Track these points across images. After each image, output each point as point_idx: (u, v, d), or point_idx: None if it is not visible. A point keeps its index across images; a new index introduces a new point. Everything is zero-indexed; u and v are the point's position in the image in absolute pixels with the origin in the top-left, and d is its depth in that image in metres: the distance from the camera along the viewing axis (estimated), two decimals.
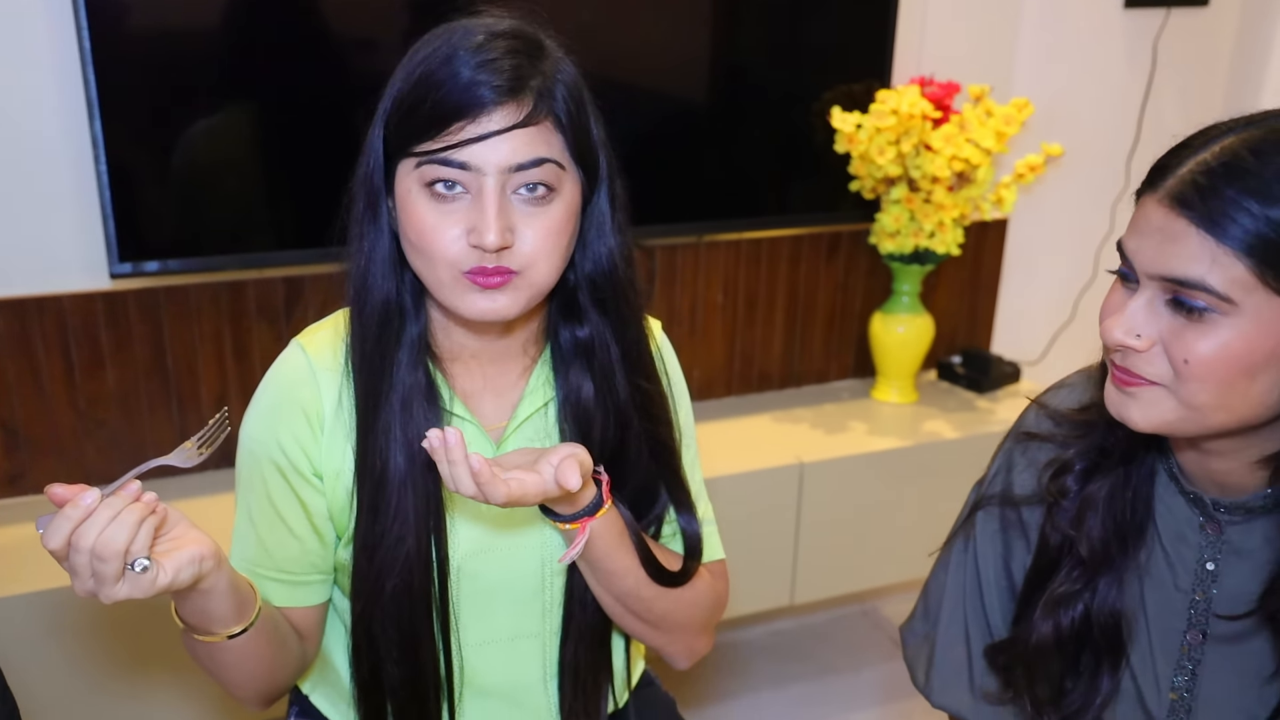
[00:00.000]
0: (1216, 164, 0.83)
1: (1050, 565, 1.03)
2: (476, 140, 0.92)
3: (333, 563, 1.09)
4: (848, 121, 1.97)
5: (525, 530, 1.08)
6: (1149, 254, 0.86)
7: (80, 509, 0.83)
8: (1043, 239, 2.44)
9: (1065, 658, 1.03)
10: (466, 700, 1.12)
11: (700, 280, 2.13)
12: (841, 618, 2.51)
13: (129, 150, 1.62)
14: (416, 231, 0.95)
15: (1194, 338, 0.84)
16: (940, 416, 2.16)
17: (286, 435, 1.03)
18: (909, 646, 1.20)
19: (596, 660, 1.14)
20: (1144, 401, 0.88)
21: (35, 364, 1.70)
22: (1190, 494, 0.97)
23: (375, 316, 1.00)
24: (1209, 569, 0.97)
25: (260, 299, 1.81)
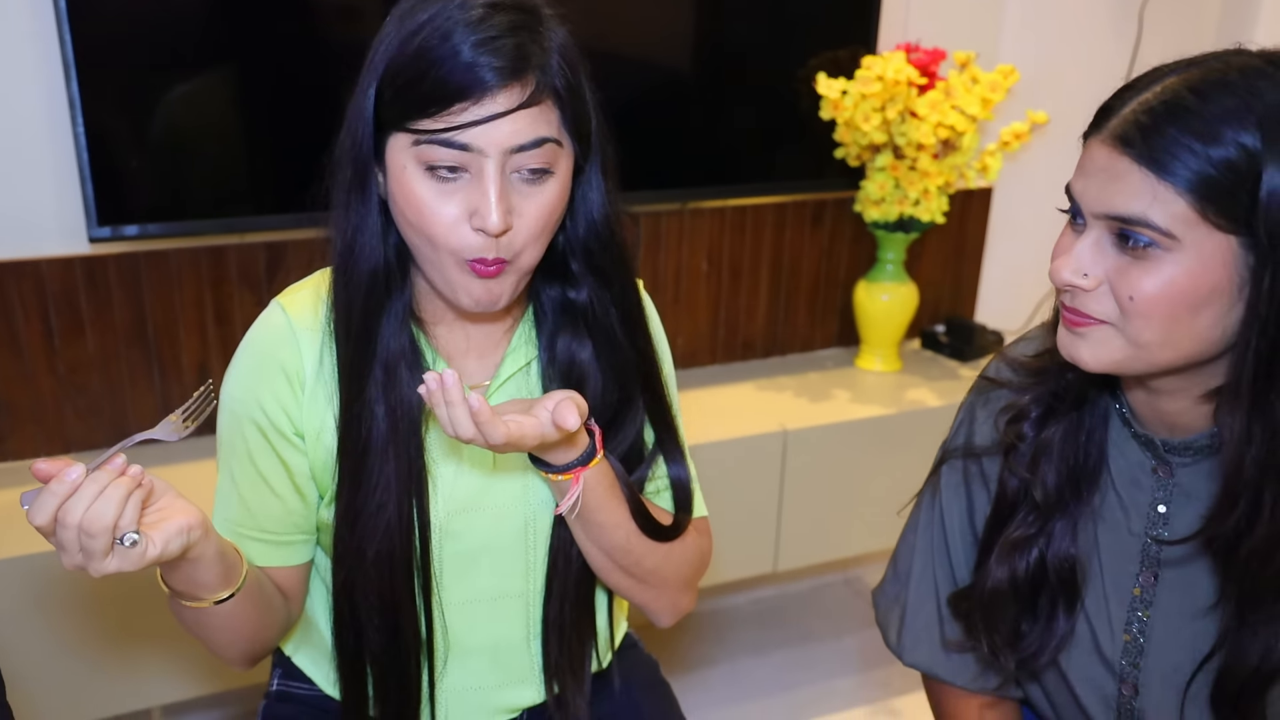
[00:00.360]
0: (1157, 103, 0.84)
1: (1008, 511, 1.05)
2: (479, 123, 0.90)
3: (315, 522, 1.09)
4: (833, 88, 1.96)
5: (508, 490, 1.08)
6: (1094, 193, 0.88)
7: (65, 484, 0.82)
8: (1027, 207, 2.44)
9: (1021, 602, 1.05)
10: (450, 660, 1.12)
11: (684, 248, 2.12)
12: (824, 586, 2.53)
13: (107, 111, 1.60)
14: (414, 210, 0.94)
15: (1138, 275, 0.86)
16: (924, 385, 2.17)
17: (267, 395, 1.03)
18: (880, 609, 1.21)
19: (580, 620, 1.14)
20: (1093, 341, 0.90)
21: (14, 329, 1.69)
22: (1142, 437, 0.99)
23: (363, 286, 0.99)
24: (1160, 512, 0.99)
25: (241, 264, 1.79)
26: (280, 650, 1.21)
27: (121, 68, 1.60)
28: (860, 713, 2.11)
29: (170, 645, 1.64)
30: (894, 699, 2.15)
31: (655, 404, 1.11)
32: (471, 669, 1.13)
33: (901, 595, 1.17)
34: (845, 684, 2.19)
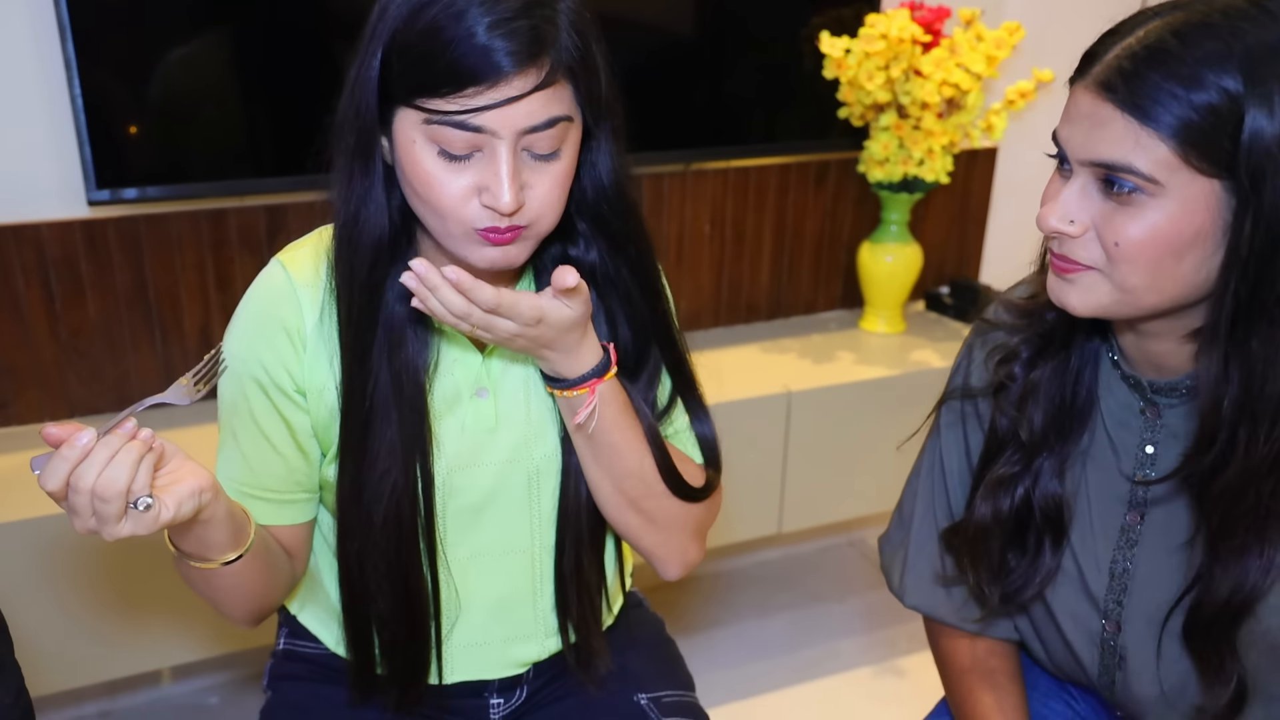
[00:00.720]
0: (1140, 48, 0.84)
1: (997, 450, 1.07)
2: (493, 106, 0.88)
3: (318, 480, 1.09)
4: (836, 46, 1.94)
5: (510, 444, 1.08)
6: (1079, 140, 0.87)
7: (77, 449, 0.82)
8: (1033, 167, 2.42)
9: (1007, 537, 1.07)
10: (455, 617, 1.13)
11: (687, 210, 2.11)
12: (828, 548, 2.54)
13: (104, 73, 1.59)
14: (423, 184, 0.93)
15: (1123, 221, 0.86)
16: (928, 346, 2.16)
17: (268, 353, 1.02)
18: (885, 554, 1.23)
19: (594, 570, 1.15)
20: (1081, 287, 0.91)
21: (15, 294, 1.68)
22: (1130, 378, 1.00)
23: (368, 258, 0.98)
24: (1148, 453, 1.00)
25: (242, 228, 1.78)
26: (286, 609, 1.22)
27: (118, 28, 1.59)
28: (865, 672, 2.12)
29: (179, 607, 1.64)
30: (899, 659, 2.16)
31: (675, 365, 1.11)
32: (477, 624, 1.14)
33: (905, 540, 1.19)
34: (850, 645, 2.20)
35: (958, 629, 1.16)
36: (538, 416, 1.09)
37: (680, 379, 1.13)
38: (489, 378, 1.07)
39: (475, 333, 0.95)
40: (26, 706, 0.93)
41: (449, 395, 1.06)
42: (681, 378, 1.13)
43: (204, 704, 2.00)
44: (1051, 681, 1.21)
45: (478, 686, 1.17)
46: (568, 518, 1.11)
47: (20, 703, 0.91)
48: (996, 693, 1.13)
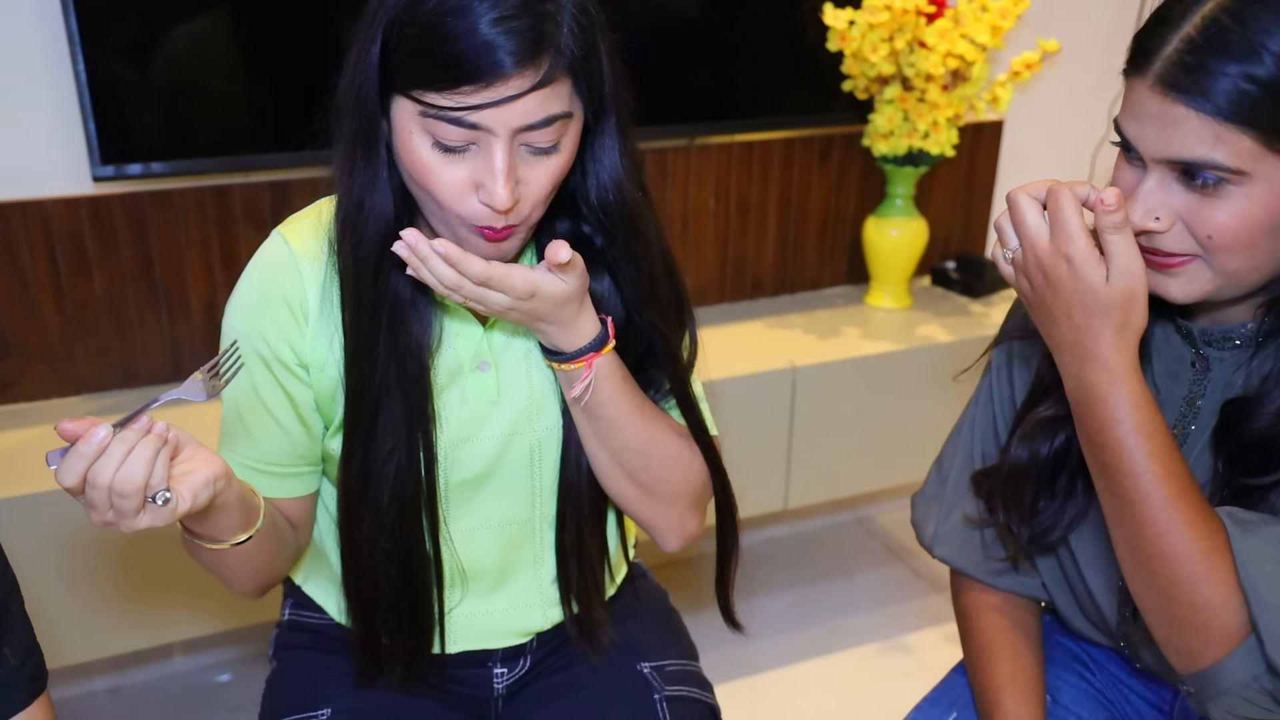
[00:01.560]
0: (1200, 38, 0.82)
1: (1042, 394, 1.06)
2: (491, 105, 0.87)
3: (320, 453, 1.09)
4: (840, 18, 1.93)
5: (511, 417, 1.08)
6: (1151, 139, 0.86)
7: (93, 445, 0.82)
8: (1039, 140, 2.41)
9: (1040, 478, 1.06)
10: (458, 588, 1.13)
11: (691, 184, 2.11)
12: (835, 524, 2.54)
13: (108, 48, 1.59)
14: (419, 173, 0.92)
15: (1211, 212, 0.85)
16: (934, 321, 2.16)
17: (270, 327, 1.02)
18: (918, 509, 1.22)
19: (596, 541, 1.15)
20: (1184, 279, 0.90)
21: (21, 270, 1.69)
22: (1183, 328, 0.99)
23: (374, 248, 0.97)
24: (1198, 405, 0.99)
25: (247, 204, 1.79)
26: (291, 580, 1.22)
27: (122, 4, 1.59)
28: (872, 649, 2.13)
29: (190, 581, 1.65)
30: (906, 635, 2.16)
31: (674, 379, 1.10)
32: (480, 594, 1.14)
33: (941, 493, 1.19)
34: (857, 622, 2.20)
35: (984, 585, 1.16)
36: (539, 389, 1.09)
37: (677, 393, 1.11)
38: (490, 351, 1.07)
39: (469, 304, 0.95)
40: (37, 668, 0.92)
41: (450, 368, 1.06)
42: (679, 394, 1.11)
43: (214, 680, 2.01)
44: (1068, 654, 1.21)
45: (481, 656, 1.17)
46: (569, 489, 1.12)
47: (29, 664, 0.91)
48: (1015, 660, 1.12)
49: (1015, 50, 2.12)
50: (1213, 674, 0.87)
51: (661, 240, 1.08)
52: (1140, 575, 0.89)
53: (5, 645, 0.89)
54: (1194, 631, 0.87)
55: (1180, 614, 0.87)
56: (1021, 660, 1.12)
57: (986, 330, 2.11)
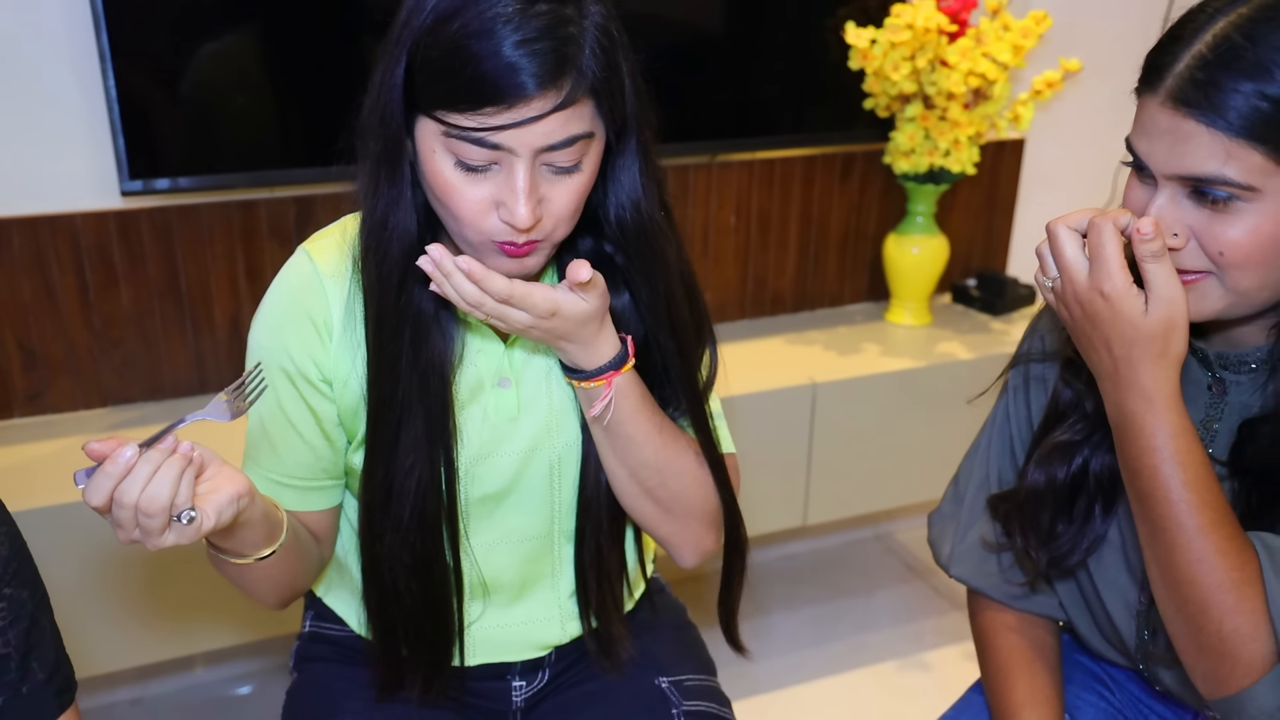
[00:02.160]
0: (1212, 55, 0.82)
1: (1057, 419, 1.06)
2: (513, 126, 0.88)
3: (344, 467, 1.10)
4: (862, 37, 1.94)
5: (532, 433, 1.09)
6: (1162, 156, 0.86)
7: (120, 465, 0.83)
8: (1060, 158, 2.41)
9: (1058, 503, 1.06)
10: (477, 602, 1.14)
11: (712, 201, 2.11)
12: (854, 541, 2.53)
13: (138, 65, 1.61)
14: (442, 192, 0.93)
15: (1222, 228, 0.85)
16: (954, 338, 2.16)
17: (294, 343, 1.03)
18: (934, 528, 1.22)
19: (615, 556, 1.16)
20: (1195, 295, 0.89)
21: (50, 283, 1.71)
22: (1199, 351, 0.99)
23: (398, 265, 0.98)
24: (1214, 429, 0.99)
25: (272, 219, 1.81)
26: (312, 592, 1.23)
27: (152, 21, 1.61)
28: (891, 666, 2.12)
29: (213, 593, 1.66)
30: (925, 653, 2.15)
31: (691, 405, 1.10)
32: (499, 608, 1.15)
33: (958, 511, 1.18)
34: (876, 639, 2.20)
35: (1001, 604, 1.16)
36: (560, 406, 1.09)
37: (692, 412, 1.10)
38: (511, 367, 1.08)
39: (490, 321, 0.96)
40: (65, 682, 0.93)
41: (471, 385, 1.07)
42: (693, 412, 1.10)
43: (236, 691, 2.02)
44: (1087, 674, 1.20)
45: (500, 669, 1.18)
46: (588, 505, 1.12)
47: (56, 678, 0.92)
48: (1032, 680, 1.12)
49: (1037, 69, 2.12)
50: (1239, 701, 0.87)
51: (683, 261, 1.09)
52: (1171, 601, 0.90)
53: (34, 659, 0.90)
54: (1221, 659, 0.87)
55: (1209, 641, 0.87)
56: (1039, 680, 1.11)
57: (1007, 348, 2.11)
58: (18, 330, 1.72)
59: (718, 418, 1.15)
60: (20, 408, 1.76)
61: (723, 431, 1.16)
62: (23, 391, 1.75)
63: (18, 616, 0.89)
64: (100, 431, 1.73)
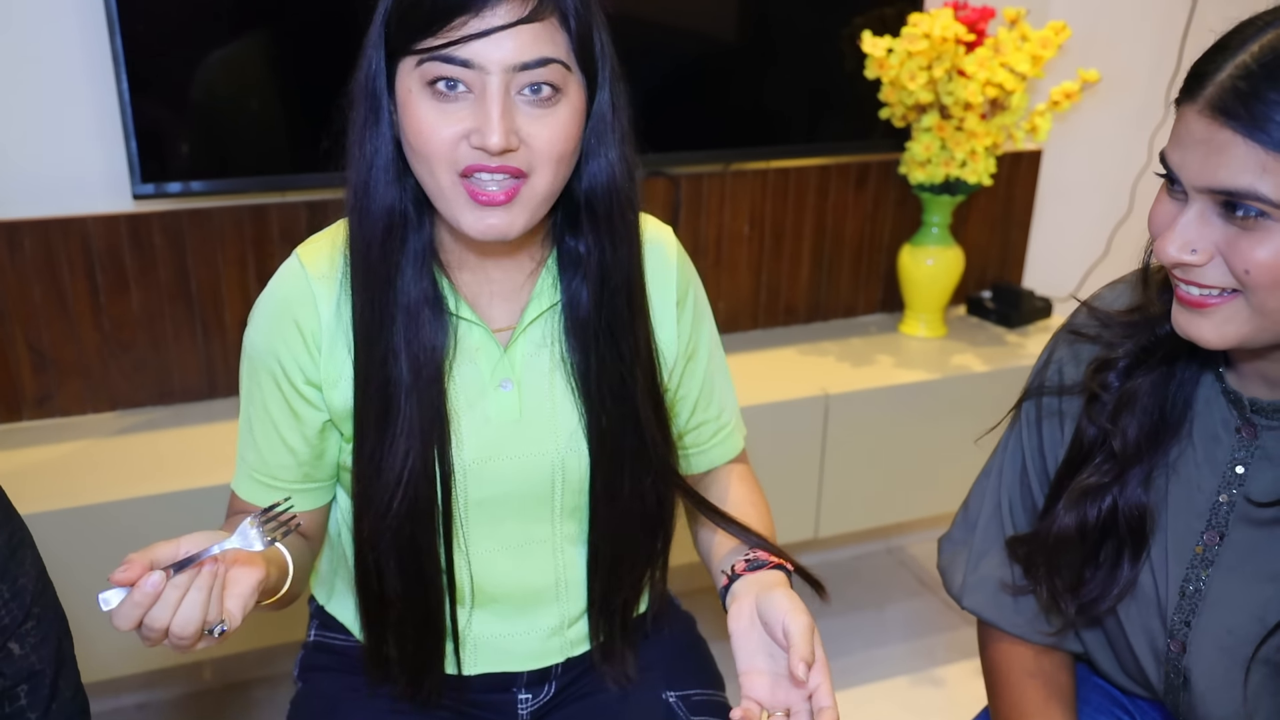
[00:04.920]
0: (1256, 66, 0.80)
1: (1082, 458, 1.03)
2: (479, 36, 0.89)
3: (330, 470, 1.10)
4: (878, 46, 1.93)
5: (535, 437, 1.08)
6: (1195, 167, 0.83)
7: (148, 594, 0.82)
8: (1078, 170, 2.39)
9: (1087, 548, 1.03)
10: (476, 607, 1.12)
11: (726, 210, 2.10)
12: (866, 555, 2.51)
13: (150, 69, 1.61)
14: (415, 131, 0.92)
15: (1249, 246, 0.82)
16: (969, 351, 2.14)
17: (282, 348, 1.03)
18: (945, 554, 1.20)
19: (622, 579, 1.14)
20: (1217, 320, 0.86)
21: (60, 286, 1.71)
22: (1231, 394, 0.96)
23: (379, 225, 0.98)
24: (1239, 472, 0.96)
25: (283, 223, 1.80)
26: (316, 601, 1.22)
27: (165, 26, 1.61)
28: (903, 681, 2.10)
29: None
30: (937, 668, 2.13)
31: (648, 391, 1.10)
32: (499, 615, 1.14)
33: (969, 539, 1.16)
34: (887, 653, 2.17)
35: (1016, 638, 1.13)
36: (562, 409, 1.08)
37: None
38: (513, 369, 1.07)
39: None
40: (85, 702, 0.96)
41: (472, 386, 1.06)
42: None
43: (243, 697, 2.01)
44: (1104, 697, 1.17)
45: (505, 681, 1.16)
46: (599, 519, 1.11)
47: (79, 698, 0.95)
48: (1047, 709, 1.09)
49: (1055, 80, 2.11)
50: None
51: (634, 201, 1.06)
52: None
53: (61, 678, 0.93)
54: None
55: None
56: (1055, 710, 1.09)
57: (1022, 361, 2.09)
58: (28, 332, 1.71)
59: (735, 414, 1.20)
60: (30, 410, 1.75)
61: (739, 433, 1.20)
62: (32, 394, 1.75)
63: (46, 636, 0.92)
64: (109, 436, 1.73)
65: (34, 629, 0.90)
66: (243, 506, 1.11)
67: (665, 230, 1.14)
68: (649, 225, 1.12)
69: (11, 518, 0.92)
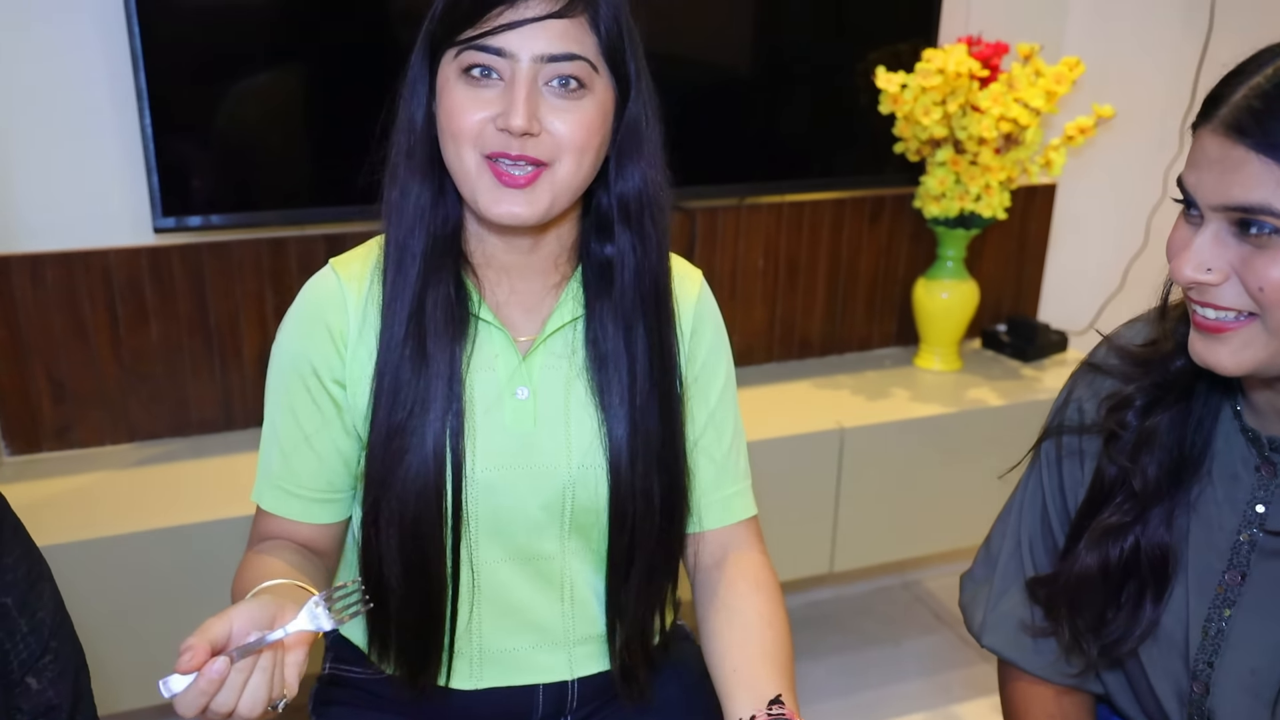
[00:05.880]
0: (1270, 86, 0.81)
1: (1103, 498, 1.02)
2: (512, 26, 0.95)
3: (352, 480, 1.10)
4: (893, 81, 1.94)
5: (549, 450, 1.08)
6: (1209, 186, 0.84)
7: (214, 681, 0.82)
8: (1092, 204, 2.39)
9: (1109, 588, 1.02)
10: (484, 619, 1.12)
11: (741, 244, 2.11)
12: (881, 589, 2.49)
13: (173, 104, 1.63)
14: (447, 113, 0.98)
15: (1264, 265, 0.82)
16: (984, 384, 2.13)
17: (313, 350, 1.06)
18: (966, 592, 1.19)
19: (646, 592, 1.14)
20: (1234, 345, 0.86)
21: (81, 318, 1.72)
22: (1250, 432, 0.96)
23: (411, 216, 1.03)
24: (1258, 511, 0.96)
25: (301, 256, 1.82)
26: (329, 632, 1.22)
27: (188, 62, 1.63)
28: (919, 718, 2.08)
29: None
30: (954, 705, 2.11)
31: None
32: (507, 629, 1.13)
33: (990, 577, 1.15)
34: (903, 689, 2.15)
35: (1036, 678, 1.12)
36: (576, 423, 1.08)
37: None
38: (529, 377, 1.08)
39: None
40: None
41: (490, 393, 1.07)
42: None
43: None
44: None
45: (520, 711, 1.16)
46: (622, 539, 1.10)
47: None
48: None
49: (1069, 114, 2.12)
50: None
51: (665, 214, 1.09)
52: None
53: (78, 713, 0.93)
54: None
55: None
56: None
57: (1038, 395, 2.08)
58: (49, 364, 1.73)
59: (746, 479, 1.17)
60: (49, 442, 1.76)
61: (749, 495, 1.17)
62: (52, 425, 1.76)
63: (64, 670, 0.92)
64: (126, 467, 1.73)
65: (51, 663, 0.90)
66: (270, 525, 1.10)
67: (695, 271, 1.16)
68: (678, 263, 1.14)
69: (31, 552, 0.93)
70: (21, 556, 0.90)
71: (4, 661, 0.88)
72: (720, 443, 1.17)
